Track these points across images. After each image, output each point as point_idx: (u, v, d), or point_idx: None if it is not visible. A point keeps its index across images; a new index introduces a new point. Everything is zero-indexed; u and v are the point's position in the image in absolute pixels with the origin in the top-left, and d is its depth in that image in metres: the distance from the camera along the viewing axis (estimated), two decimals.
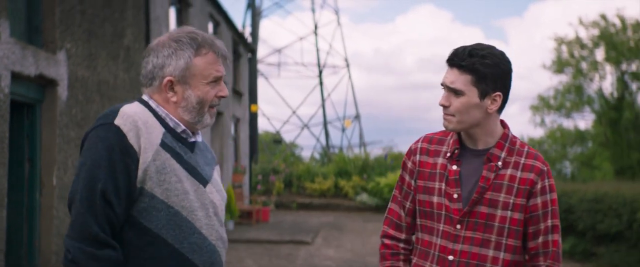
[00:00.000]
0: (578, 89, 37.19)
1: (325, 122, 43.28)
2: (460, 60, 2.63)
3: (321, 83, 43.34)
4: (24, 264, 8.26)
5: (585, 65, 36.63)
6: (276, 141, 41.11)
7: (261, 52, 43.48)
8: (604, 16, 35.25)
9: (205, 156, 2.63)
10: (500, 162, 2.69)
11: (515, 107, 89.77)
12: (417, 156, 2.86)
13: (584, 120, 47.96)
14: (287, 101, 75.62)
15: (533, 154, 2.74)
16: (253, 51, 24.23)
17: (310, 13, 46.81)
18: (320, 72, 43.39)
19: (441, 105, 2.70)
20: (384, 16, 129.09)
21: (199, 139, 2.61)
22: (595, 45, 35.91)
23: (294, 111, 44.18)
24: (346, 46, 68.53)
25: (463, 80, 2.63)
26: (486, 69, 2.61)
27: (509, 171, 2.69)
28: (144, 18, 11.95)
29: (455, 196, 2.70)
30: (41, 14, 8.55)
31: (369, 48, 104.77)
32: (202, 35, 2.51)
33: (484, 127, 2.71)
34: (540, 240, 2.69)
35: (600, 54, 35.94)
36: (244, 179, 20.42)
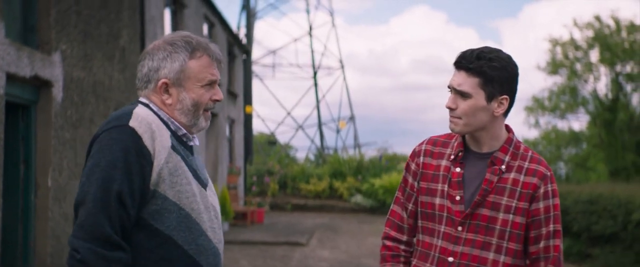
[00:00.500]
0: (572, 91, 37.25)
1: (319, 124, 43.28)
2: (468, 62, 2.64)
3: (316, 84, 43.34)
4: (19, 266, 8.24)
5: (579, 67, 36.71)
6: (271, 142, 41.08)
7: (256, 53, 43.59)
8: (598, 18, 35.36)
9: (200, 160, 2.68)
10: (503, 166, 2.70)
11: None
12: (421, 158, 2.86)
13: (579, 122, 48.19)
14: (282, 102, 75.50)
15: (537, 159, 2.74)
16: (248, 52, 24.22)
17: (305, 14, 46.78)
18: (315, 73, 43.40)
19: (448, 107, 2.70)
20: (378, 17, 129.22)
21: (197, 142, 2.64)
22: (590, 46, 36.00)
23: (288, 112, 44.18)
24: (341, 47, 68.54)
25: (470, 83, 2.64)
26: (493, 72, 2.62)
27: (512, 175, 2.69)
28: (139, 19, 11.95)
29: (457, 198, 2.71)
30: (36, 15, 8.54)
31: (364, 49, 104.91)
32: (197, 39, 2.55)
33: (490, 130, 2.71)
34: (541, 245, 2.70)
35: (594, 55, 36.07)
36: (238, 181, 20.42)
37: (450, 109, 2.70)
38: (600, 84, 36.32)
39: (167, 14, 14.71)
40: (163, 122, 2.47)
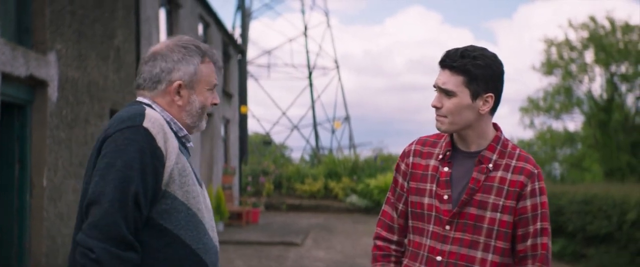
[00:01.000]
0: (567, 91, 37.30)
1: (315, 124, 43.26)
2: (452, 61, 2.65)
3: (311, 84, 43.35)
4: (14, 266, 8.24)
5: (574, 67, 36.75)
6: (266, 142, 41.04)
7: (251, 53, 43.52)
8: (593, 18, 35.40)
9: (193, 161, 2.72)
10: (491, 165, 2.71)
11: (505, 109, 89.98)
12: (410, 158, 2.88)
13: (574, 122, 48.24)
14: (277, 102, 75.58)
15: (524, 157, 2.75)
16: (243, 52, 24.21)
17: (300, 15, 46.64)
18: (310, 73, 43.40)
19: (433, 106, 2.72)
20: (373, 18, 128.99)
21: (191, 144, 2.68)
22: (585, 47, 36.05)
23: (283, 112, 44.21)
24: (336, 48, 68.39)
25: (455, 82, 2.65)
26: (478, 70, 2.63)
27: (500, 173, 2.70)
28: (134, 19, 11.95)
29: (445, 197, 2.72)
30: (31, 15, 8.54)
31: (359, 50, 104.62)
32: (203, 44, 2.63)
33: (476, 128, 2.73)
34: (529, 243, 2.70)
35: (589, 55, 36.10)
36: (233, 181, 20.41)
37: (436, 108, 2.71)
38: (595, 84, 36.41)
39: (162, 14, 14.69)
40: (166, 123, 2.50)
